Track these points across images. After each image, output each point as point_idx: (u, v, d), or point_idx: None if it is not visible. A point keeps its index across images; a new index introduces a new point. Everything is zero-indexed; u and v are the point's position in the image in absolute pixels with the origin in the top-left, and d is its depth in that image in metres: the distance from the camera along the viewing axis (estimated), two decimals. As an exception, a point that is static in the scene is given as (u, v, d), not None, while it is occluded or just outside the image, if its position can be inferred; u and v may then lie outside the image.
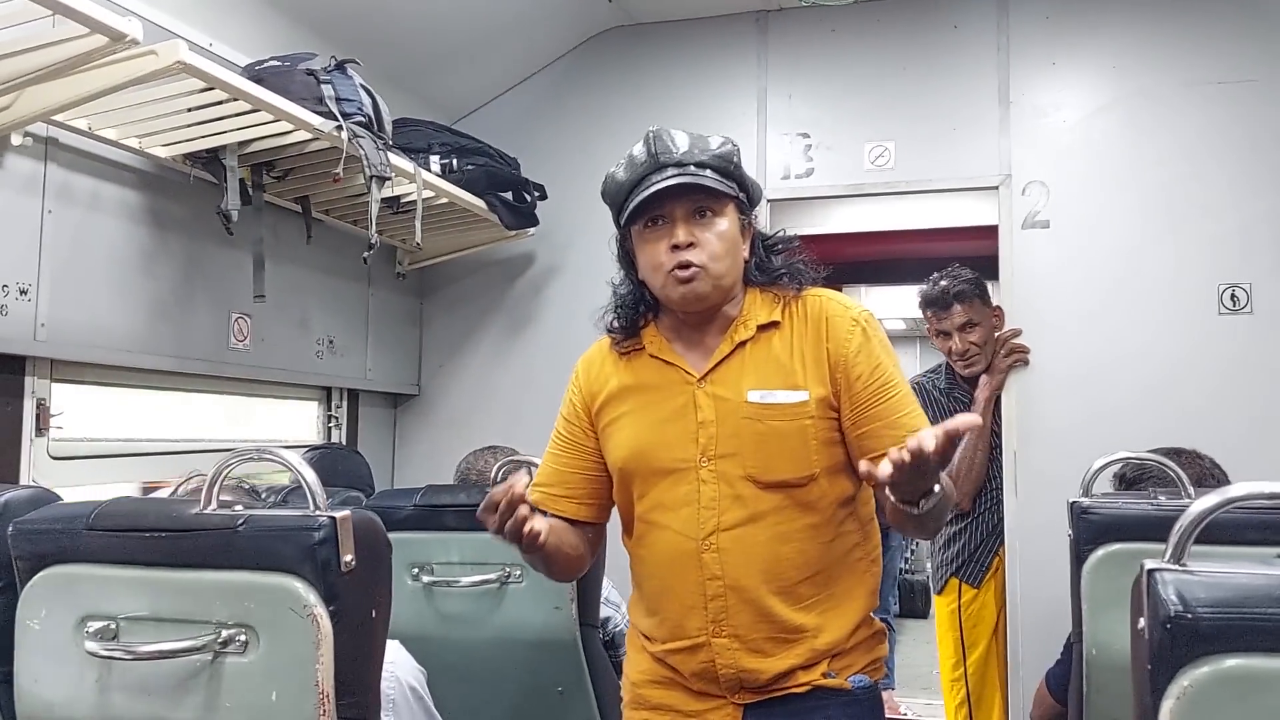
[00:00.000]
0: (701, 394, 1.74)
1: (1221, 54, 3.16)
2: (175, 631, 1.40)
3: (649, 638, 1.79)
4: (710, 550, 1.68)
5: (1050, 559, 2.65)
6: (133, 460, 2.63)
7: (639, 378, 1.81)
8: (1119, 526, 1.95)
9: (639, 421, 1.78)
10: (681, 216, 1.71)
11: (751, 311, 1.78)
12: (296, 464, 1.43)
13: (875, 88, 3.45)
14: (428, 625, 2.25)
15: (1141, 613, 1.09)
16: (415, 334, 3.85)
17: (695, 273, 1.70)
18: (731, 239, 1.74)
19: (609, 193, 1.79)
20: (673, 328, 1.82)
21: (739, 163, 1.77)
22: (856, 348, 1.72)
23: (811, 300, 1.79)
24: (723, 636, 1.69)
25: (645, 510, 1.76)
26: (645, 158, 1.72)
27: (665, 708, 1.76)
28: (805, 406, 1.70)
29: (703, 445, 1.71)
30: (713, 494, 1.69)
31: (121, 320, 2.48)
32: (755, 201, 1.84)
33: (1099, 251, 3.21)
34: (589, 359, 1.90)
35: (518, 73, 3.77)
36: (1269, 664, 1.03)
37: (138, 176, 2.53)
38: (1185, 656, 1.04)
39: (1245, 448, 2.42)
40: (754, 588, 1.68)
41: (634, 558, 1.82)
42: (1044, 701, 2.47)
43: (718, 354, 1.75)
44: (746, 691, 1.70)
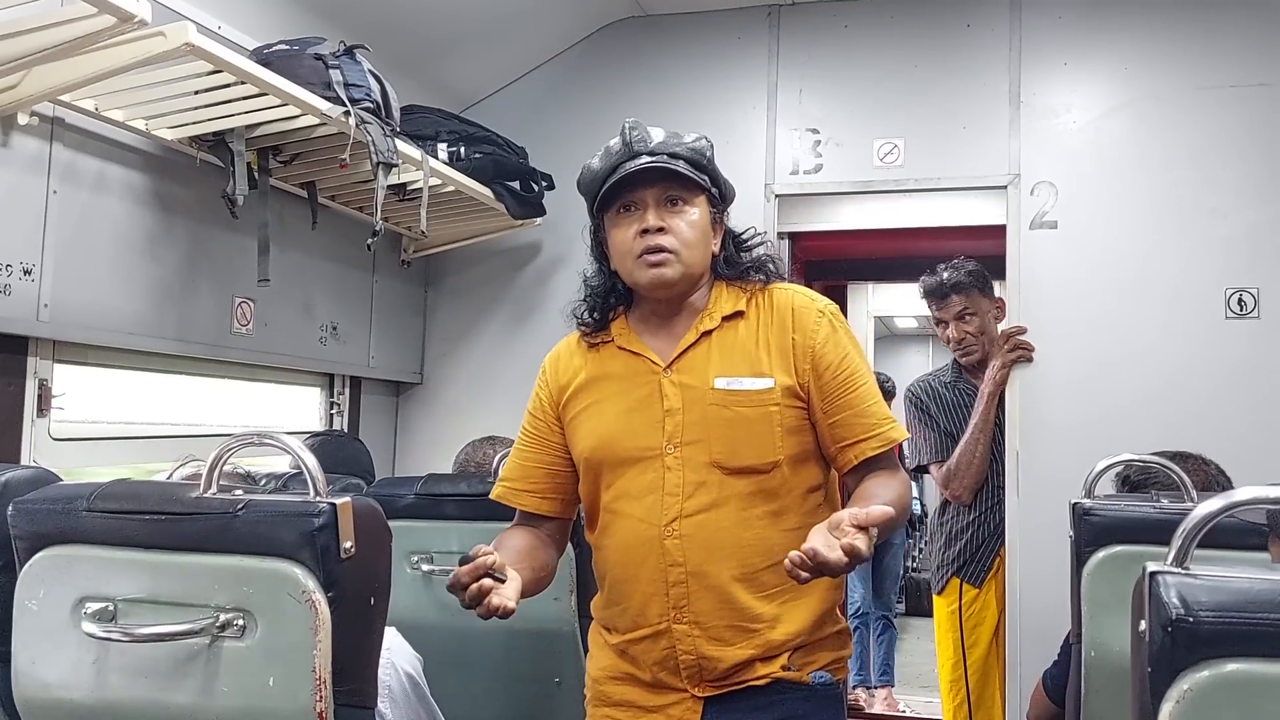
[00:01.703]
0: (667, 382, 1.76)
1: (1234, 57, 3.14)
2: (173, 614, 1.39)
3: (610, 629, 1.81)
4: (672, 537, 1.70)
5: (1051, 559, 2.65)
6: (133, 443, 2.63)
7: (606, 369, 1.83)
8: (1121, 529, 1.94)
9: (605, 411, 1.80)
10: (653, 202, 1.75)
11: (718, 303, 1.81)
12: (298, 449, 1.42)
13: (886, 85, 3.44)
14: (426, 614, 2.25)
15: (1143, 615, 1.08)
16: (419, 322, 3.85)
17: (665, 258, 1.73)
18: (702, 229, 1.78)
19: (584, 182, 1.85)
20: (641, 319, 1.85)
21: (712, 158, 1.82)
22: (824, 338, 1.76)
23: (779, 292, 1.82)
24: (683, 623, 1.70)
25: (610, 500, 1.78)
26: (620, 147, 1.78)
27: (626, 704, 1.77)
28: (771, 393, 1.73)
29: (669, 433, 1.73)
30: (677, 481, 1.71)
31: (125, 302, 2.48)
32: (728, 200, 1.88)
33: (1106, 253, 3.20)
34: (556, 354, 1.94)
35: (528, 62, 3.76)
36: (1269, 669, 1.02)
37: (144, 158, 2.53)
38: (1186, 660, 1.04)
39: (1249, 452, 2.41)
40: (715, 574, 1.69)
41: (597, 550, 1.84)
42: (1040, 703, 2.46)
43: (683, 342, 1.78)
44: (707, 683, 1.71)
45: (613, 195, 1.78)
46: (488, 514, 2.21)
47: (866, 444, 1.73)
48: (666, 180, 1.75)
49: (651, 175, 1.75)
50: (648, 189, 1.75)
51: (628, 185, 1.76)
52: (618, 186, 1.76)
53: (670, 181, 1.76)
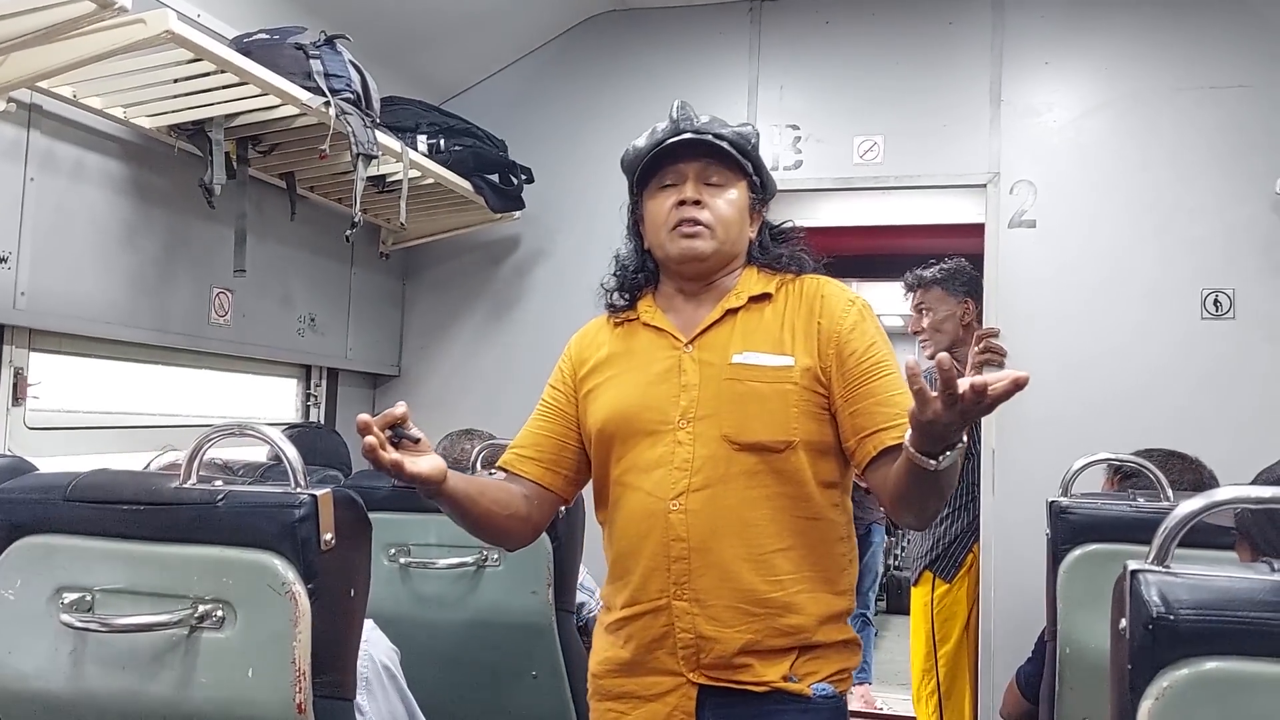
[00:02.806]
0: (687, 358, 1.75)
1: (1214, 58, 3.17)
2: (151, 605, 1.38)
3: (610, 606, 1.79)
4: (678, 511, 1.68)
5: (1025, 556, 2.66)
6: (110, 433, 2.61)
7: (629, 344, 1.83)
8: (1097, 527, 1.97)
9: (623, 384, 1.79)
10: (693, 177, 1.76)
11: (746, 285, 1.81)
12: (279, 441, 1.42)
13: (867, 81, 3.45)
14: (404, 606, 2.24)
15: (1123, 613, 1.09)
16: (397, 315, 3.84)
17: (699, 230, 1.74)
18: (740, 209, 1.79)
19: (627, 160, 1.84)
20: (667, 296, 1.85)
21: (756, 146, 1.84)
22: (851, 324, 1.74)
23: (809, 280, 1.82)
24: (683, 600, 1.67)
25: (620, 473, 1.76)
26: (667, 125, 1.78)
27: (626, 695, 1.75)
28: (789, 371, 1.70)
29: (683, 408, 1.72)
30: (686, 455, 1.69)
31: (102, 291, 2.46)
32: (770, 193, 1.89)
33: (1084, 252, 3.22)
34: (583, 331, 1.94)
35: (508, 54, 3.75)
36: (1248, 667, 1.03)
37: (122, 147, 2.50)
38: (1165, 658, 1.05)
39: (1224, 452, 2.43)
40: (719, 550, 1.66)
41: (605, 526, 1.82)
42: (1014, 699, 2.48)
43: (707, 320, 1.78)
44: (703, 669, 1.68)
45: (653, 170, 1.79)
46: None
47: (886, 434, 1.65)
48: (709, 157, 1.76)
49: (695, 150, 1.76)
50: (689, 165, 1.77)
51: (669, 160, 1.77)
52: (659, 160, 1.77)
53: (712, 159, 1.77)
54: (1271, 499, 1.14)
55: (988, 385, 1.30)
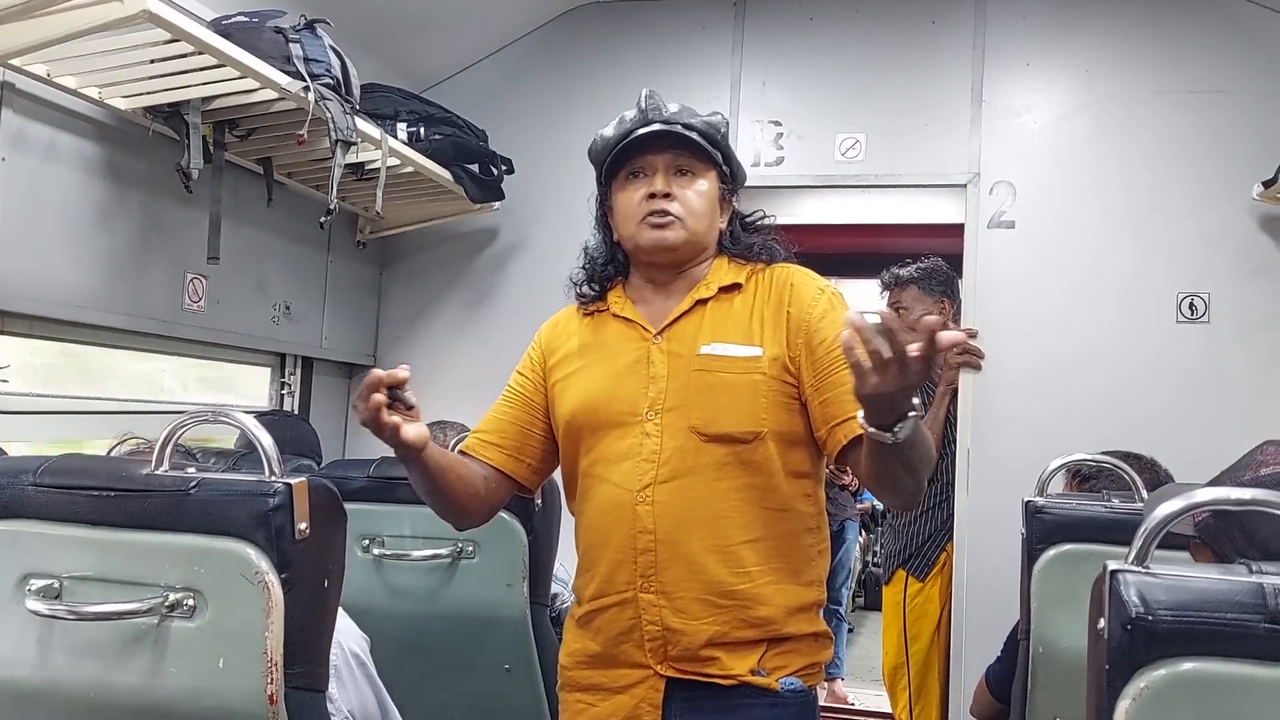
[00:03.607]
0: (656, 349, 1.75)
1: (1193, 63, 3.19)
2: (121, 593, 1.36)
3: (580, 600, 1.79)
4: (645, 503, 1.67)
5: (999, 556, 2.68)
6: (79, 418, 2.58)
7: (599, 336, 1.82)
8: (1072, 527, 1.97)
9: (592, 376, 1.78)
10: (663, 168, 1.75)
11: (717, 275, 1.80)
12: (253, 428, 1.40)
13: (849, 79, 3.45)
14: (377, 598, 2.23)
15: (1102, 613, 1.09)
16: (373, 304, 3.80)
17: (669, 221, 1.73)
18: (710, 200, 1.78)
19: (595, 150, 1.83)
20: (637, 287, 1.84)
21: (726, 135, 1.82)
22: (821, 313, 1.72)
23: (779, 270, 1.81)
24: (650, 592, 1.67)
25: (589, 465, 1.76)
26: (635, 114, 1.77)
27: (594, 687, 1.74)
28: (758, 362, 1.70)
29: (651, 399, 1.71)
30: (654, 447, 1.69)
31: (73, 274, 2.42)
32: (739, 182, 1.87)
33: (1063, 254, 3.24)
34: (554, 320, 1.93)
35: (490, 44, 3.72)
36: (1225, 668, 1.04)
37: (96, 128, 2.47)
38: (1144, 658, 1.05)
39: (1196, 455, 2.42)
40: (686, 543, 1.66)
41: (575, 518, 1.82)
42: (983, 698, 2.49)
43: (676, 311, 1.77)
44: (670, 661, 1.67)
45: (622, 161, 1.77)
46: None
47: (855, 422, 1.57)
48: (678, 148, 1.75)
49: (664, 141, 1.74)
50: (658, 155, 1.75)
51: (638, 150, 1.75)
52: (628, 151, 1.75)
53: (682, 149, 1.75)
54: (1252, 501, 1.14)
55: (933, 330, 1.24)
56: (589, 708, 1.74)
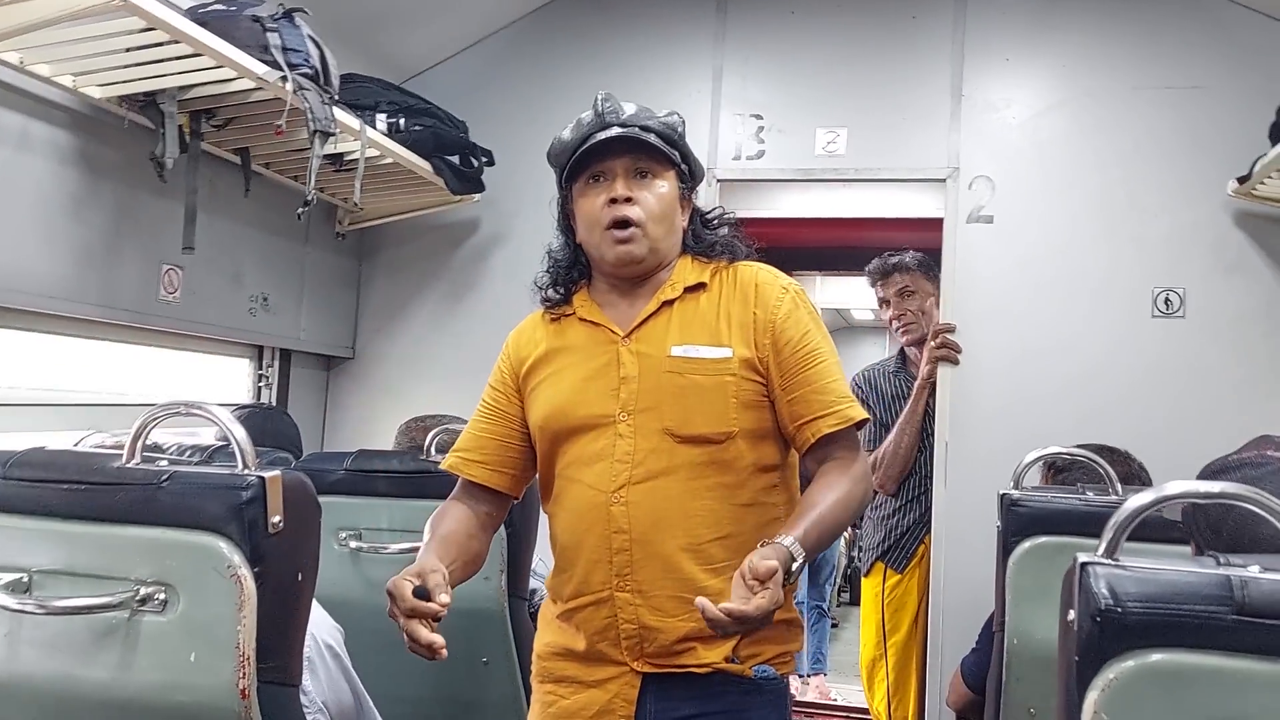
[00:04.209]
0: (625, 351, 1.76)
1: (1171, 59, 3.20)
2: (91, 587, 1.35)
3: (556, 598, 1.80)
4: (619, 504, 1.69)
5: (975, 548, 2.69)
6: (52, 411, 2.56)
7: (566, 340, 1.83)
8: (1047, 520, 1.98)
9: (562, 380, 1.79)
10: (622, 173, 1.76)
11: (681, 275, 1.81)
12: (226, 421, 1.39)
13: (830, 73, 3.45)
14: (354, 591, 2.22)
15: (1072, 605, 1.09)
16: (352, 296, 3.79)
17: (633, 233, 1.74)
18: (670, 203, 1.79)
19: (553, 152, 1.83)
20: (603, 290, 1.85)
21: (683, 134, 1.84)
22: (785, 314, 1.75)
23: (743, 268, 1.83)
24: (626, 591, 1.69)
25: (563, 467, 1.78)
26: (592, 118, 1.77)
27: (568, 679, 1.76)
28: (728, 363, 1.72)
29: (623, 401, 1.72)
30: (628, 448, 1.70)
31: (46, 265, 2.40)
32: (698, 179, 1.89)
33: (1041, 249, 3.25)
34: (520, 329, 1.93)
35: (471, 34, 3.71)
36: (1192, 660, 1.04)
37: (70, 117, 2.44)
38: (1112, 649, 1.05)
39: (1171, 448, 2.46)
40: (660, 542, 1.68)
41: (550, 519, 1.83)
42: (958, 690, 2.50)
43: (644, 312, 1.78)
44: (647, 658, 1.69)
45: (582, 165, 1.77)
46: (419, 491, 2.19)
47: (822, 421, 1.70)
48: (637, 151, 1.76)
49: (622, 145, 1.75)
50: (617, 159, 1.75)
51: (597, 155, 1.75)
52: (587, 156, 1.75)
53: (640, 153, 1.76)
54: (1220, 494, 1.15)
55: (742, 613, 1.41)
56: (561, 699, 1.76)
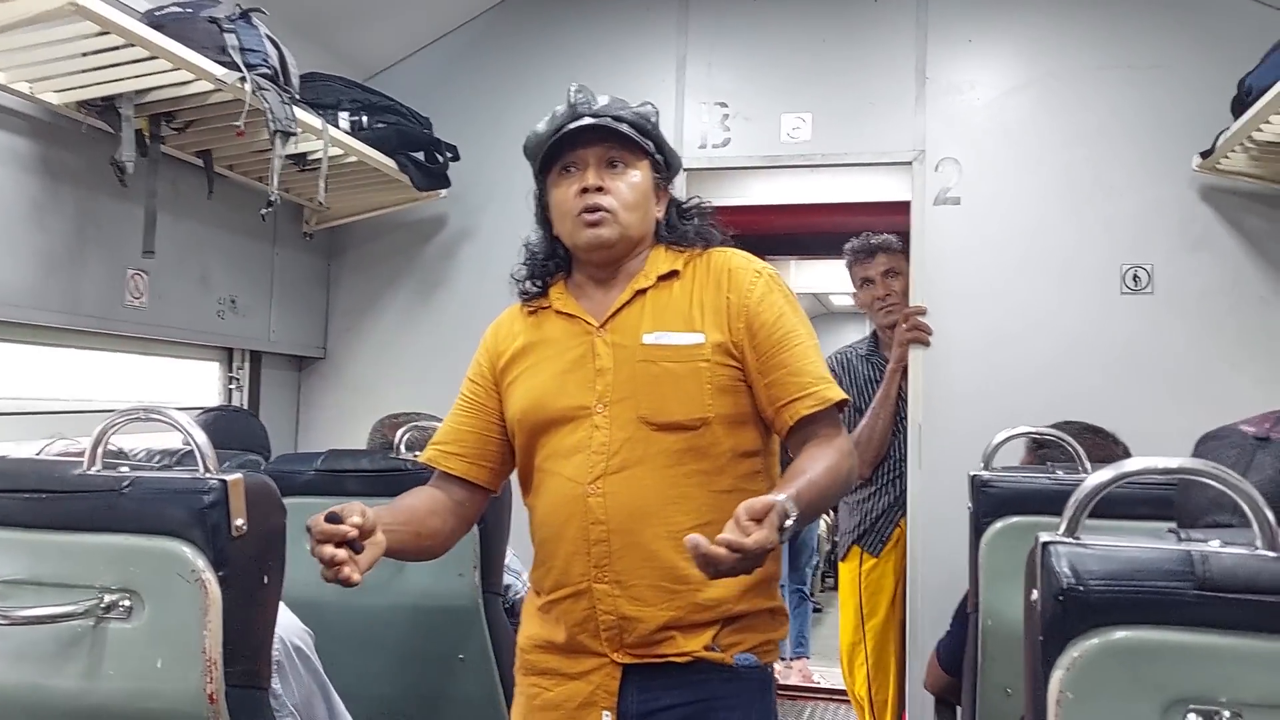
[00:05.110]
0: (600, 342, 1.76)
1: (1132, 39, 3.21)
2: (55, 596, 1.34)
3: (538, 591, 1.80)
4: (596, 495, 1.68)
5: (951, 530, 2.70)
6: (19, 419, 2.53)
7: (543, 333, 1.83)
8: (1017, 500, 1.99)
9: (539, 373, 1.79)
10: (594, 163, 1.76)
11: (654, 264, 1.81)
12: (186, 425, 1.38)
13: (794, 59, 3.45)
14: (326, 592, 2.14)
15: (1035, 584, 1.10)
16: (322, 295, 3.76)
17: (602, 217, 1.74)
18: (642, 192, 1.79)
19: (529, 146, 1.83)
20: (579, 283, 1.85)
21: (656, 124, 1.84)
22: (759, 297, 1.75)
23: (716, 255, 1.83)
24: (604, 582, 1.68)
25: (541, 460, 1.77)
26: (564, 109, 1.77)
27: (551, 671, 1.75)
28: (700, 349, 1.71)
29: (599, 392, 1.72)
30: (604, 439, 1.70)
31: (7, 273, 2.38)
32: (674, 169, 1.89)
33: (1008, 229, 3.26)
34: (498, 322, 1.93)
35: (433, 30, 3.69)
36: (1155, 636, 1.05)
37: (28, 123, 2.42)
38: (1076, 628, 1.06)
39: (1142, 424, 2.48)
40: (638, 531, 1.67)
41: (530, 512, 1.83)
42: (934, 672, 2.51)
43: (617, 302, 1.78)
44: (627, 649, 1.69)
45: (555, 156, 1.78)
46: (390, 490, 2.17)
47: (800, 403, 1.69)
48: (609, 141, 1.76)
49: (593, 135, 1.75)
50: (589, 149, 1.76)
51: (569, 145, 1.76)
52: (559, 146, 1.76)
53: (612, 142, 1.76)
54: (1179, 469, 1.15)
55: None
56: (543, 692, 1.76)
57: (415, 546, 1.72)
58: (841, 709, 5.33)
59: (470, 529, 1.89)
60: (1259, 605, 1.03)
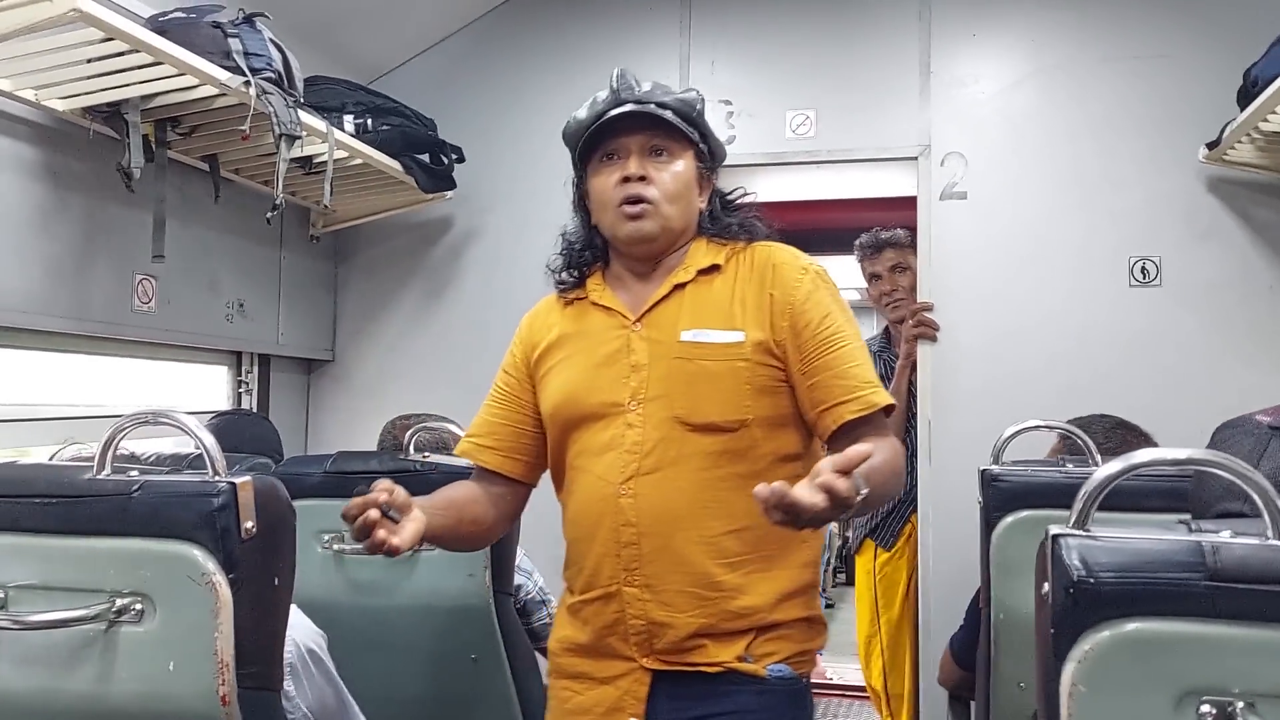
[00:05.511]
0: (636, 337, 1.71)
1: (1137, 29, 3.20)
2: (67, 600, 1.34)
3: (570, 590, 1.76)
4: (627, 496, 1.64)
5: (962, 525, 2.69)
6: (30, 425, 2.54)
7: (579, 325, 1.78)
8: (1027, 494, 1.98)
9: (573, 367, 1.75)
10: (636, 150, 1.70)
11: (694, 257, 1.75)
12: (194, 428, 1.38)
13: (798, 55, 3.44)
14: (338, 593, 2.21)
15: (1046, 577, 1.09)
16: (330, 298, 3.77)
17: (644, 209, 1.68)
18: (686, 182, 1.73)
19: (569, 133, 1.78)
20: (617, 274, 1.80)
21: (702, 112, 1.77)
22: (805, 295, 1.68)
23: (760, 249, 1.76)
24: (634, 586, 1.64)
25: (574, 457, 1.73)
26: (606, 95, 1.72)
27: (582, 675, 1.72)
28: (740, 348, 1.65)
29: (633, 389, 1.67)
30: (637, 438, 1.65)
31: (16, 279, 2.39)
32: (718, 158, 1.83)
33: (1015, 223, 3.25)
34: (534, 312, 1.89)
35: (436, 32, 3.69)
36: (1167, 627, 1.04)
37: (34, 130, 2.43)
38: (1087, 620, 1.05)
39: (1152, 417, 2.46)
40: (670, 535, 1.63)
41: (562, 509, 1.79)
42: (948, 667, 2.51)
43: (655, 296, 1.73)
44: (656, 654, 1.65)
45: (595, 144, 1.73)
46: (400, 492, 2.18)
47: (845, 407, 1.62)
48: (652, 128, 1.70)
49: (636, 122, 1.69)
50: (631, 137, 1.70)
51: (610, 132, 1.70)
52: (600, 134, 1.71)
53: (655, 130, 1.70)
54: (1188, 460, 1.15)
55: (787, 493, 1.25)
56: (574, 695, 1.72)
57: (457, 534, 1.69)
58: (855, 704, 5.33)
59: (513, 524, 1.86)
60: (1271, 596, 1.02)
